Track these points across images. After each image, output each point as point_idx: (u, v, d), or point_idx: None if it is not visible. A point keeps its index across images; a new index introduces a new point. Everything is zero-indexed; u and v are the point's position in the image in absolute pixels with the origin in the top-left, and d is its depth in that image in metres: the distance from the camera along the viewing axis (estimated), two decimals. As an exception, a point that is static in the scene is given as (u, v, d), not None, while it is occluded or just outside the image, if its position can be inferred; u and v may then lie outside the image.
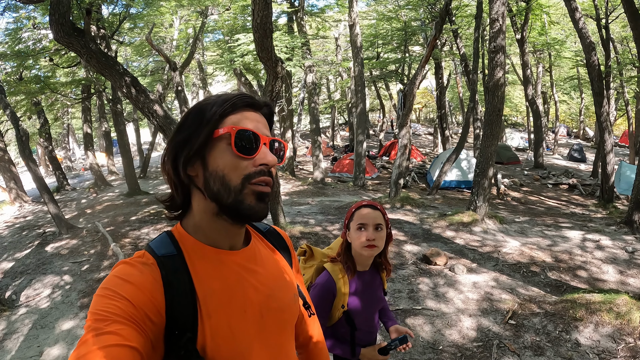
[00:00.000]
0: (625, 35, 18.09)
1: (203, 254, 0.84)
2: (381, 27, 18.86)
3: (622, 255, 5.61)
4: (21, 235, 9.01)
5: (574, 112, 33.63)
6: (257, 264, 0.91)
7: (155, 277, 0.77)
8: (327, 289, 1.67)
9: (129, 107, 21.03)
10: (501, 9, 7.20)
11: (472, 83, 12.20)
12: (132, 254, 0.85)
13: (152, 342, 0.73)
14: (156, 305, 0.75)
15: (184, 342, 0.75)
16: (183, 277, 0.80)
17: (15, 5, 9.17)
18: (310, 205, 9.64)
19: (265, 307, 0.88)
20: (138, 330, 0.70)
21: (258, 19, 4.64)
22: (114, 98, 12.73)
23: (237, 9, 13.06)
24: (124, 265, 0.79)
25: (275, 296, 0.91)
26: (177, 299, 0.77)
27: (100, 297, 0.72)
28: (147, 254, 0.82)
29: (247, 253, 0.91)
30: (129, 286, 0.74)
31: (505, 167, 18.14)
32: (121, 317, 0.69)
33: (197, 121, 0.83)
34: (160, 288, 0.76)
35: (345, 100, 26.25)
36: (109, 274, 0.79)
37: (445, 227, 6.91)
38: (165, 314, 0.75)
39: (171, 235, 0.86)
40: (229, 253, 0.87)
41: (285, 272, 0.99)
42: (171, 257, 0.81)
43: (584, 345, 3.36)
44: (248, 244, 0.94)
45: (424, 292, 4.63)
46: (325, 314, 1.69)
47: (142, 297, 0.73)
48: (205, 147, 0.81)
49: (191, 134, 0.82)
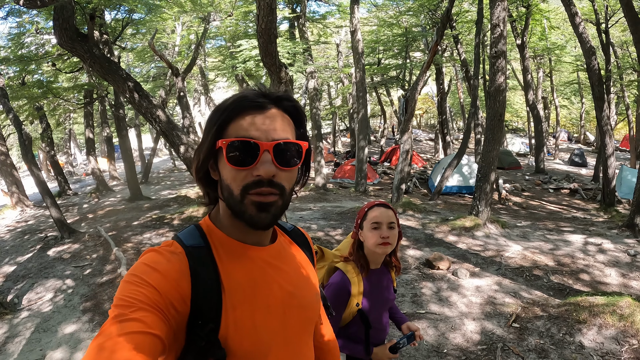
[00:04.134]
0: (625, 39, 18.17)
1: (230, 247, 0.85)
2: (382, 33, 18.93)
3: (624, 258, 5.60)
4: (23, 240, 9.01)
5: (575, 117, 33.65)
6: (282, 262, 0.92)
7: (182, 266, 0.78)
8: (342, 288, 1.68)
9: (131, 112, 21.09)
10: (502, 15, 7.25)
11: (473, 88, 12.23)
12: (135, 259, 0.85)
13: (174, 331, 0.73)
14: (182, 294, 0.75)
15: (206, 332, 0.76)
16: (210, 268, 0.80)
17: (19, 9, 9.20)
18: (312, 211, 9.64)
19: (288, 304, 0.88)
20: (162, 318, 0.70)
21: (263, 24, 4.66)
22: (116, 103, 12.79)
23: (239, 16, 13.14)
24: (153, 253, 0.80)
25: (298, 294, 0.91)
26: (203, 289, 0.77)
27: (126, 284, 0.73)
28: (175, 244, 0.82)
29: (273, 250, 0.92)
30: (156, 274, 0.74)
31: (506, 172, 18.14)
32: (146, 304, 0.69)
33: (206, 130, 0.84)
34: (187, 277, 0.77)
35: (346, 106, 26.32)
36: (137, 261, 0.79)
37: (448, 231, 6.91)
38: (191, 303, 0.76)
39: (199, 228, 0.87)
40: (255, 249, 0.88)
41: (308, 272, 0.99)
42: (199, 248, 0.82)
43: (588, 347, 3.35)
44: (274, 241, 0.94)
45: (427, 297, 4.62)
46: (340, 314, 1.69)
47: (168, 285, 0.74)
48: (215, 155, 0.83)
49: (202, 142, 0.84)
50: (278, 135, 0.81)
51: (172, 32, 16.18)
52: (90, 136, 16.92)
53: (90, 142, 16.87)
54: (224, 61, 16.19)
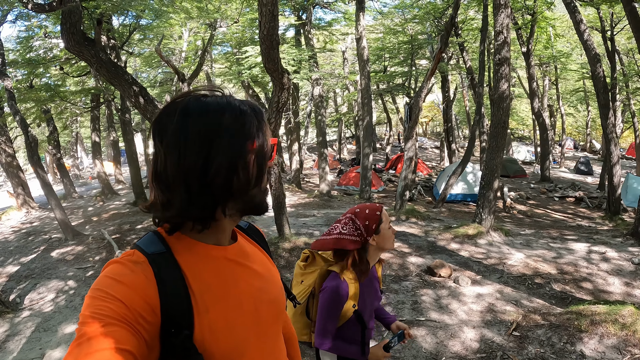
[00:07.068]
0: (631, 46, 18.11)
1: (192, 250, 0.83)
2: (388, 41, 18.98)
3: (628, 267, 5.55)
4: (27, 241, 9.08)
5: (581, 125, 33.54)
6: (246, 259, 0.92)
7: (147, 275, 0.75)
8: (341, 291, 1.68)
9: (137, 117, 21.23)
10: (505, 21, 7.26)
11: (478, 96, 12.23)
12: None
13: (147, 342, 0.71)
14: (150, 304, 0.73)
15: (181, 339, 0.74)
16: (175, 273, 0.78)
17: (28, 13, 9.34)
18: (315, 217, 9.64)
19: (259, 299, 0.89)
20: (131, 331, 0.68)
21: (265, 30, 4.71)
22: (123, 107, 12.88)
23: (246, 22, 13.23)
24: (115, 264, 0.77)
25: (266, 289, 0.92)
26: (171, 296, 0.75)
27: (91, 299, 0.70)
28: (137, 252, 0.79)
29: (236, 249, 0.91)
30: (120, 286, 0.72)
31: (511, 180, 18.06)
32: (113, 319, 0.67)
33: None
34: (153, 286, 0.75)
35: (352, 113, 26.35)
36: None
37: (450, 239, 6.88)
38: (160, 312, 0.74)
39: (158, 234, 0.84)
40: (218, 248, 0.87)
41: (270, 266, 1.00)
42: (161, 254, 0.79)
43: (589, 356, 3.31)
44: (235, 240, 0.94)
45: (428, 304, 4.59)
46: (336, 317, 1.69)
47: (135, 297, 0.72)
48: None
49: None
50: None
51: (179, 38, 16.34)
52: (96, 140, 17.03)
53: (96, 146, 16.98)
54: (230, 67, 16.27)
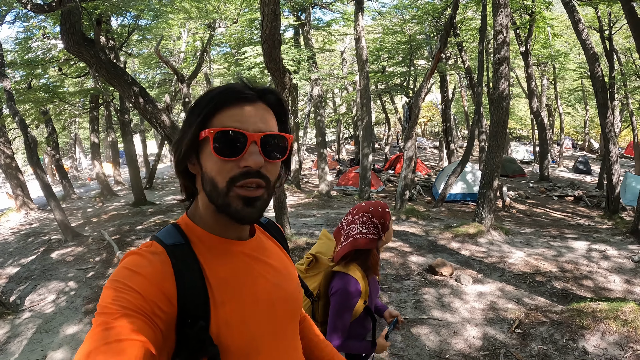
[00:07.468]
0: (629, 46, 18.19)
1: (210, 243, 0.83)
2: (386, 41, 18.99)
3: (628, 264, 5.57)
4: (27, 242, 9.06)
5: (579, 124, 33.62)
6: (264, 255, 0.91)
7: (165, 266, 0.76)
8: (354, 289, 1.68)
9: (136, 118, 21.21)
10: (505, 21, 7.28)
11: (477, 96, 12.23)
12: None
13: (162, 333, 0.71)
14: (167, 294, 0.73)
15: (196, 330, 0.74)
16: (193, 265, 0.78)
17: (26, 14, 9.32)
18: (315, 217, 9.64)
19: (275, 296, 0.88)
20: (147, 322, 0.69)
21: (267, 30, 4.71)
22: (122, 108, 12.87)
23: (245, 23, 13.23)
24: (133, 255, 0.77)
25: (282, 285, 0.91)
26: (189, 287, 0.75)
27: (109, 290, 0.71)
28: (155, 244, 0.80)
29: (254, 243, 0.91)
30: (138, 277, 0.72)
31: (510, 179, 18.08)
32: (130, 310, 0.68)
33: (188, 121, 0.82)
34: (171, 277, 0.75)
35: (350, 114, 26.37)
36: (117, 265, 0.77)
37: (451, 238, 6.89)
38: (177, 303, 0.74)
39: (177, 226, 0.85)
40: (237, 243, 0.86)
41: (287, 263, 0.99)
42: (179, 246, 0.80)
43: (591, 353, 3.32)
44: (253, 234, 0.93)
45: (430, 302, 4.60)
46: (349, 315, 1.69)
47: (151, 288, 0.72)
48: (196, 147, 0.81)
49: (183, 134, 0.82)
50: (265, 127, 0.81)
51: (178, 39, 16.32)
52: (95, 141, 17.02)
53: (95, 147, 16.96)
54: (229, 68, 16.31)
